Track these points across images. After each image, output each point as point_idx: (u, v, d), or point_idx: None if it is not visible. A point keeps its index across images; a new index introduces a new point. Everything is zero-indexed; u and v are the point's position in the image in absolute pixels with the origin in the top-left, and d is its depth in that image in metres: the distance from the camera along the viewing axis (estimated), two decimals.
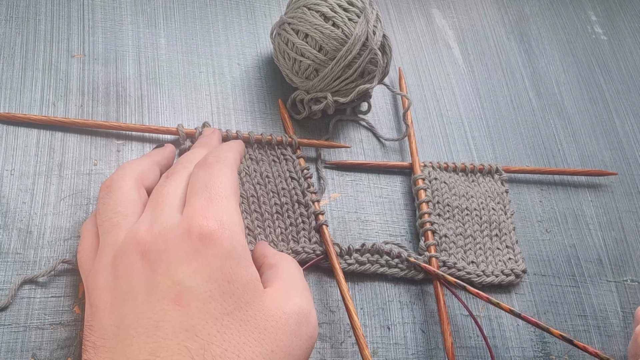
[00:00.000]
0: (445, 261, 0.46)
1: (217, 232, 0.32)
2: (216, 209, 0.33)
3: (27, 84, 0.44)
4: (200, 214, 0.32)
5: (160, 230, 0.32)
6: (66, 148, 0.42)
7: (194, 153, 0.39)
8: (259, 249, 0.39)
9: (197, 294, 0.30)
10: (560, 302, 0.49)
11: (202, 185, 0.34)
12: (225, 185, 0.34)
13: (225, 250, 0.31)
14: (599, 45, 0.66)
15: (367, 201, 0.48)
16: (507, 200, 0.51)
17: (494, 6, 0.65)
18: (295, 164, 0.46)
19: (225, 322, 0.30)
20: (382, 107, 0.53)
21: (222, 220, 0.32)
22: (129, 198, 0.35)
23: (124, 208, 0.34)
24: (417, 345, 0.44)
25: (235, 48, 0.51)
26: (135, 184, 0.36)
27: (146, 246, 0.32)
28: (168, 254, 0.31)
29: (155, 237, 0.32)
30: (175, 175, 0.36)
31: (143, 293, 0.31)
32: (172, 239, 0.32)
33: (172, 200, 0.34)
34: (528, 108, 0.59)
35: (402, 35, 0.58)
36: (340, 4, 0.45)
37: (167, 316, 0.30)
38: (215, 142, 0.43)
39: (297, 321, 0.33)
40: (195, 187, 0.34)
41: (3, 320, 0.36)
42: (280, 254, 0.38)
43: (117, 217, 0.34)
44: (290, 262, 0.37)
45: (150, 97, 0.46)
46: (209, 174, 0.35)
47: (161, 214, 0.33)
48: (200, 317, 0.30)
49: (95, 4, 0.49)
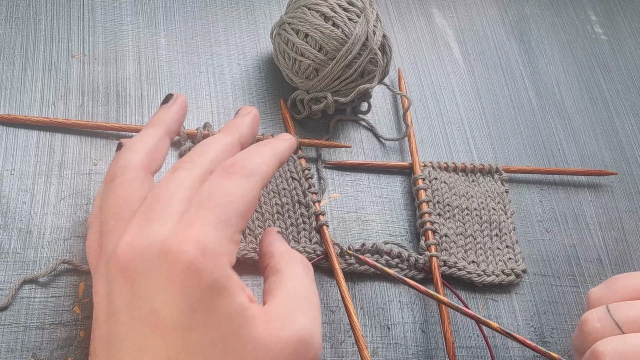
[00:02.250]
0: (446, 261, 0.46)
1: (199, 262, 0.28)
2: (207, 233, 0.29)
3: (27, 84, 0.44)
4: (187, 236, 0.29)
5: (142, 245, 0.29)
6: (66, 148, 0.42)
7: (215, 143, 0.34)
8: (265, 244, 0.36)
9: (175, 325, 0.28)
10: (560, 302, 0.49)
11: (207, 200, 0.30)
12: (235, 207, 0.31)
13: (206, 283, 0.28)
14: (599, 45, 0.66)
15: (367, 201, 0.48)
16: (507, 200, 0.51)
17: (494, 6, 0.65)
18: (297, 165, 0.46)
19: (209, 353, 0.28)
20: (382, 107, 0.53)
21: (208, 248, 0.29)
22: (127, 197, 0.32)
23: (121, 209, 0.32)
24: (417, 345, 0.44)
25: (235, 48, 0.51)
26: (138, 175, 0.33)
27: (126, 263, 0.29)
28: (146, 277, 0.29)
29: (136, 254, 0.29)
30: (181, 172, 0.32)
31: (125, 313, 0.29)
32: (153, 260, 0.29)
33: (167, 206, 0.31)
34: (528, 108, 0.59)
35: (402, 35, 0.58)
36: (340, 4, 0.45)
37: (148, 342, 0.28)
38: (246, 129, 0.37)
39: (295, 350, 0.30)
40: (201, 198, 0.31)
41: (3, 320, 0.36)
42: (289, 255, 0.34)
43: (113, 219, 0.32)
44: (298, 268, 0.34)
45: (150, 97, 0.46)
46: (223, 188, 0.31)
47: (150, 224, 0.30)
48: (180, 347, 0.28)
49: (95, 4, 0.49)
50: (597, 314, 0.37)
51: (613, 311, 0.37)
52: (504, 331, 0.39)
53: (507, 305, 0.47)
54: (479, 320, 0.40)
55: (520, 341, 0.39)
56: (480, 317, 0.40)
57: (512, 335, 0.40)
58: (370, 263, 0.42)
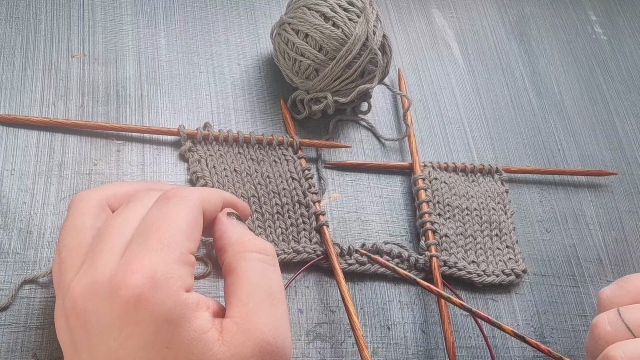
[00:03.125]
0: (446, 261, 0.46)
1: (148, 293, 0.27)
2: (151, 260, 0.28)
3: (27, 84, 0.44)
4: (132, 268, 0.28)
5: (91, 284, 0.28)
6: (66, 148, 0.42)
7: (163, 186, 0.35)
8: (217, 237, 0.34)
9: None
10: (560, 302, 0.49)
11: (148, 227, 0.30)
12: (175, 228, 0.30)
13: (159, 315, 0.27)
14: (599, 45, 0.66)
15: (367, 201, 0.48)
16: (507, 200, 0.51)
17: (494, 6, 0.65)
18: (297, 165, 0.46)
19: None
20: (382, 107, 0.53)
21: (155, 276, 0.28)
22: (79, 226, 0.32)
23: (71, 240, 0.31)
24: (417, 345, 0.44)
25: (235, 48, 0.51)
26: (95, 206, 0.32)
27: (77, 304, 0.28)
28: (98, 316, 0.28)
29: (86, 294, 0.28)
30: (131, 205, 0.32)
31: (85, 351, 0.28)
32: (102, 299, 0.28)
33: (115, 242, 0.30)
34: (528, 108, 0.59)
35: (402, 35, 0.58)
36: (340, 4, 0.45)
37: None
38: None
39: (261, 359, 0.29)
40: (141, 229, 0.30)
41: (3, 320, 0.36)
42: (240, 247, 0.32)
43: (64, 251, 0.31)
44: (252, 262, 0.32)
45: (150, 97, 0.46)
46: (161, 212, 0.30)
47: (98, 261, 0.29)
48: None
49: (95, 4, 0.49)
50: (608, 318, 0.36)
51: (624, 314, 0.36)
52: (516, 334, 0.39)
53: (507, 305, 0.47)
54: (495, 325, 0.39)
55: (533, 345, 0.39)
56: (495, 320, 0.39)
57: (525, 339, 0.39)
58: (383, 263, 0.42)
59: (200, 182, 0.43)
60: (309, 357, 0.41)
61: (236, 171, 0.44)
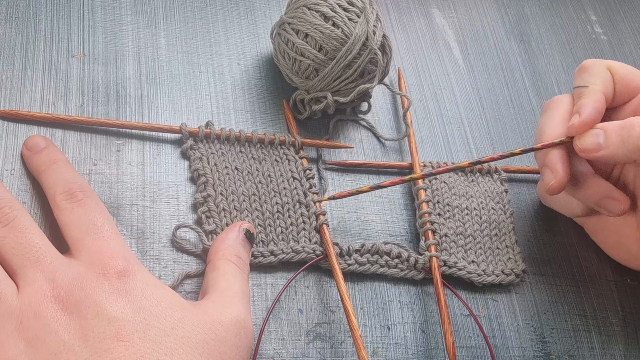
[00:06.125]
0: (446, 260, 0.46)
1: (129, 267, 0.33)
2: (115, 246, 0.34)
3: (27, 84, 0.44)
4: (107, 255, 0.33)
5: (70, 281, 0.32)
6: (66, 147, 0.42)
7: None
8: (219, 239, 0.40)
9: (135, 325, 0.31)
10: (560, 302, 0.49)
11: (90, 224, 0.35)
12: (106, 219, 0.36)
13: (141, 280, 0.33)
14: (599, 45, 0.66)
15: (367, 201, 0.48)
16: (507, 200, 0.51)
17: (494, 6, 0.65)
18: (298, 165, 0.46)
19: (168, 344, 0.31)
20: (382, 107, 0.53)
21: (126, 256, 0.34)
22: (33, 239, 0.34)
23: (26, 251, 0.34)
24: (417, 345, 0.44)
25: (235, 48, 0.51)
26: None
27: (64, 299, 0.31)
28: (92, 298, 0.32)
29: (70, 289, 0.32)
30: (17, 222, 0.34)
31: (79, 342, 0.30)
32: (89, 285, 0.32)
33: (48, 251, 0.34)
34: (528, 108, 0.59)
35: (402, 35, 0.58)
36: (340, 4, 0.45)
37: (114, 354, 0.30)
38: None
39: (236, 333, 0.34)
40: (83, 228, 0.35)
41: None
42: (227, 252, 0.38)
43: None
44: (231, 267, 0.38)
45: (150, 97, 0.46)
46: (89, 211, 0.36)
47: (55, 269, 0.33)
48: (145, 346, 0.31)
49: (95, 4, 0.49)
50: None
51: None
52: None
53: (507, 305, 0.47)
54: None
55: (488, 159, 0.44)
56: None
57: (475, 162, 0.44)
58: (345, 193, 0.44)
59: (201, 179, 0.43)
60: (309, 357, 0.41)
61: (237, 169, 0.44)
